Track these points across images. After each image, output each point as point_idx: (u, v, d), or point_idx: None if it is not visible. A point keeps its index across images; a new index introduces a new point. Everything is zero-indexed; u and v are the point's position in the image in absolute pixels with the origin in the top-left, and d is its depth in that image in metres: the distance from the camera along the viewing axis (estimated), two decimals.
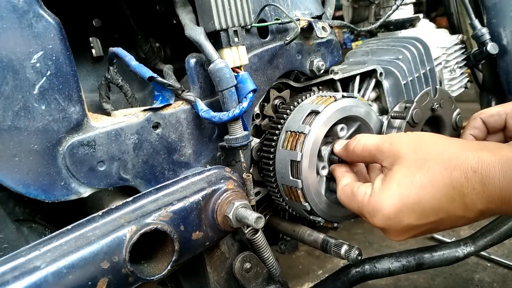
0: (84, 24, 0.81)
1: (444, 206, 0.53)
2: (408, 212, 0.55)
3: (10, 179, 0.52)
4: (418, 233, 0.57)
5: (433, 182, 0.53)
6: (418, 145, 0.59)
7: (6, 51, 0.50)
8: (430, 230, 0.58)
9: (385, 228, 0.58)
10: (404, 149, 0.58)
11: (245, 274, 0.67)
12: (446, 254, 0.88)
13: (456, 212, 0.53)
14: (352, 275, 0.84)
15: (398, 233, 0.58)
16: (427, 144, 0.58)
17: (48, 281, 0.45)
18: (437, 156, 0.55)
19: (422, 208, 0.54)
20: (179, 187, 0.59)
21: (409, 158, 0.57)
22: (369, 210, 0.58)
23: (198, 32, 0.63)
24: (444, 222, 0.55)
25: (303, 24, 0.76)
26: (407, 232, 0.57)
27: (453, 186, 0.52)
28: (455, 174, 0.52)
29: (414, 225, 0.55)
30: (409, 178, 0.55)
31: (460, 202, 0.52)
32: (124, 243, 0.50)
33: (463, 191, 0.51)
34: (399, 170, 0.57)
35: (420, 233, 0.58)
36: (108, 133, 0.58)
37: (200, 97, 0.66)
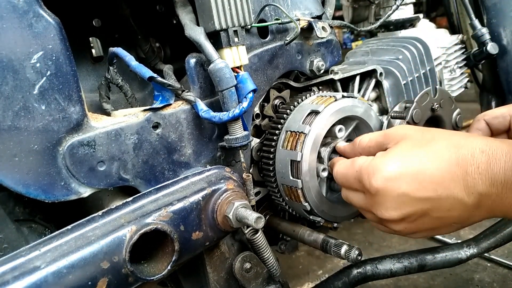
0: (84, 24, 0.81)
1: (445, 182, 0.52)
2: (408, 178, 0.53)
3: (10, 179, 0.52)
4: (411, 212, 0.54)
5: (438, 155, 0.53)
6: (426, 130, 0.59)
7: (6, 51, 0.50)
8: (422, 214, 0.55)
9: (380, 192, 0.55)
10: (411, 131, 0.59)
11: (245, 274, 0.67)
12: (448, 256, 0.88)
13: (455, 193, 0.52)
14: (354, 276, 0.84)
15: (393, 201, 0.55)
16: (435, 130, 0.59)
17: (48, 281, 0.45)
18: (445, 137, 0.55)
19: (422, 179, 0.53)
20: (179, 187, 0.59)
21: (416, 137, 0.57)
22: (368, 170, 0.56)
23: (198, 32, 0.63)
24: (441, 203, 0.53)
25: (303, 24, 0.76)
26: (402, 205, 0.54)
27: (458, 162, 0.51)
28: (462, 151, 0.52)
29: (411, 196, 0.53)
30: (414, 149, 0.55)
31: (462, 180, 0.51)
32: (124, 243, 0.50)
33: (466, 169, 0.51)
34: (404, 143, 0.57)
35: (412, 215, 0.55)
36: (108, 133, 0.58)
37: (200, 97, 0.66)
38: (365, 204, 0.60)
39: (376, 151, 0.63)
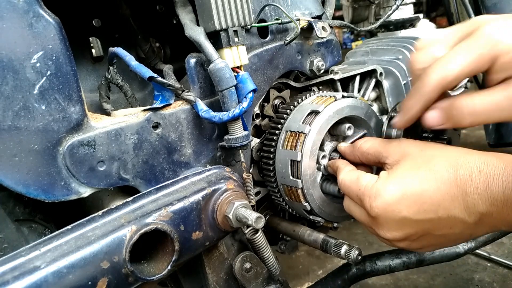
0: (84, 24, 0.81)
1: (445, 203, 0.52)
2: (408, 202, 0.54)
3: (10, 179, 0.52)
4: (412, 233, 0.56)
5: (437, 177, 0.53)
6: (425, 146, 0.59)
7: (6, 51, 0.50)
8: (424, 233, 0.56)
9: (381, 216, 0.56)
10: (411, 148, 0.59)
11: (245, 274, 0.67)
12: (446, 250, 0.89)
13: (455, 213, 0.52)
14: (353, 273, 0.84)
15: (394, 224, 0.56)
16: (434, 146, 0.59)
17: (48, 281, 0.45)
18: (444, 154, 0.55)
19: (422, 201, 0.53)
20: (179, 187, 0.59)
21: (416, 155, 0.57)
22: (370, 193, 0.57)
23: (198, 32, 0.63)
24: (442, 223, 0.54)
25: (303, 24, 0.76)
26: (403, 226, 0.56)
27: (456, 183, 0.52)
28: (460, 172, 0.52)
29: (411, 219, 0.54)
30: (413, 171, 0.55)
31: (462, 201, 0.51)
32: (124, 243, 0.50)
33: (466, 190, 0.51)
34: (405, 164, 0.57)
35: (413, 234, 0.56)
36: (108, 133, 0.58)
37: (200, 97, 0.66)
38: (367, 222, 0.61)
39: (373, 160, 0.65)
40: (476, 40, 0.51)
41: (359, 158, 0.69)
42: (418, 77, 0.57)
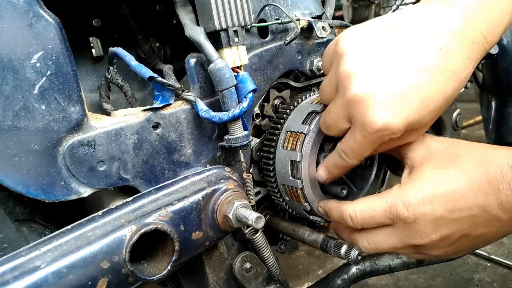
0: (84, 24, 0.81)
1: (479, 200, 0.51)
2: (442, 200, 0.52)
3: (10, 179, 0.52)
4: (450, 234, 0.54)
5: (467, 175, 0.52)
6: (450, 143, 0.57)
7: (6, 51, 0.50)
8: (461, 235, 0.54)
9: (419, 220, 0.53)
10: (435, 146, 0.57)
11: (245, 274, 0.67)
12: None
13: (490, 210, 0.51)
14: (353, 273, 0.84)
15: (430, 225, 0.54)
16: (459, 143, 0.56)
17: (48, 281, 0.45)
18: (472, 152, 0.54)
19: (455, 200, 0.52)
20: (179, 187, 0.59)
21: (441, 153, 0.56)
22: (403, 199, 0.54)
23: (198, 32, 0.63)
24: (477, 222, 0.52)
25: (303, 24, 0.76)
26: (440, 227, 0.53)
27: (488, 181, 0.50)
28: (491, 169, 0.50)
29: (448, 219, 0.53)
30: (442, 170, 0.54)
31: (495, 198, 0.50)
32: (124, 243, 0.50)
33: (498, 187, 0.50)
34: (430, 164, 0.55)
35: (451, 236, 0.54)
36: (108, 133, 0.58)
37: (200, 97, 0.66)
38: (400, 239, 0.58)
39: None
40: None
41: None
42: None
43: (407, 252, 0.61)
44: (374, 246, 0.61)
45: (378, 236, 0.60)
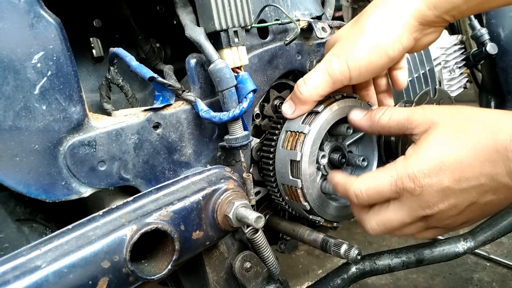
0: (84, 25, 0.81)
1: (487, 169, 0.50)
2: (449, 171, 0.52)
3: (11, 179, 0.52)
4: (458, 203, 0.53)
5: (475, 144, 0.51)
6: (456, 111, 0.56)
7: (7, 51, 0.50)
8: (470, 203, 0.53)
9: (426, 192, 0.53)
10: (440, 116, 0.56)
11: (245, 274, 0.67)
12: (446, 249, 0.89)
13: (499, 178, 0.50)
14: (352, 272, 0.85)
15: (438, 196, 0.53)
16: (466, 110, 0.56)
17: (49, 280, 0.45)
18: (479, 120, 0.53)
19: (462, 169, 0.51)
20: (179, 186, 0.59)
21: (447, 123, 0.55)
22: (408, 172, 0.54)
23: (198, 33, 0.63)
24: (485, 190, 0.52)
25: (303, 25, 0.76)
26: (447, 198, 0.53)
27: (496, 149, 0.50)
28: (500, 137, 0.50)
29: (455, 189, 0.52)
30: (448, 139, 0.53)
31: (504, 166, 0.49)
32: (125, 243, 0.50)
33: (507, 155, 0.49)
34: (436, 133, 0.55)
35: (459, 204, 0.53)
36: (109, 133, 0.58)
37: (201, 97, 0.66)
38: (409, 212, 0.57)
39: (396, 132, 0.63)
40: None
41: (378, 131, 0.66)
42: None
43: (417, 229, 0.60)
44: (384, 226, 0.60)
45: (387, 214, 0.59)
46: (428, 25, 0.66)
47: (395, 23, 0.64)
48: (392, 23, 0.65)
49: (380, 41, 0.65)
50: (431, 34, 0.68)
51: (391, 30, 0.64)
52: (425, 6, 0.63)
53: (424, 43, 0.69)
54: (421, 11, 0.63)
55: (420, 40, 0.68)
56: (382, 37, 0.65)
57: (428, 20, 0.64)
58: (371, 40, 0.65)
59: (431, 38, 0.68)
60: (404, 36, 0.65)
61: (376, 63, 0.66)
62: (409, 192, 0.55)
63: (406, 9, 0.64)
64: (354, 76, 0.66)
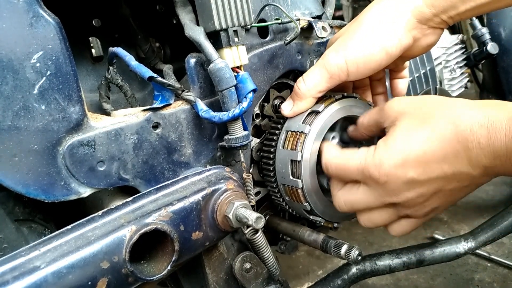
0: (84, 24, 0.81)
1: (449, 159, 0.52)
2: (414, 163, 0.54)
3: (10, 179, 0.52)
4: (424, 191, 0.56)
5: (438, 135, 0.53)
6: (422, 103, 0.58)
7: (6, 51, 0.50)
8: (436, 190, 0.56)
9: (390, 181, 0.56)
10: (407, 108, 0.58)
11: (245, 274, 0.67)
12: (446, 250, 0.88)
13: (460, 168, 0.52)
14: (353, 273, 0.84)
15: (404, 186, 0.56)
16: (431, 101, 0.58)
17: (48, 281, 0.45)
18: (443, 111, 0.55)
19: (426, 161, 0.53)
20: (179, 187, 0.59)
21: (413, 114, 0.57)
22: (375, 162, 0.56)
23: (198, 32, 0.63)
24: (449, 178, 0.54)
25: (303, 24, 0.76)
26: (413, 188, 0.55)
27: (458, 139, 0.51)
28: (461, 127, 0.51)
29: (419, 180, 0.54)
30: (413, 131, 0.55)
31: (465, 156, 0.51)
32: (124, 243, 0.50)
33: (467, 145, 0.51)
34: (402, 125, 0.57)
35: (425, 193, 0.56)
36: (108, 133, 0.58)
37: (200, 97, 0.66)
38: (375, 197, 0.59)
39: (376, 131, 0.66)
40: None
41: (366, 134, 0.69)
42: None
43: (388, 216, 0.62)
44: (351, 205, 0.63)
45: (355, 195, 0.62)
46: (427, 24, 0.66)
47: (393, 19, 0.65)
48: (390, 19, 0.65)
49: (378, 36, 0.65)
50: (430, 35, 0.68)
51: (389, 26, 0.65)
52: (423, 3, 0.64)
53: (423, 45, 0.69)
54: (419, 9, 0.64)
55: (419, 40, 0.68)
56: (380, 33, 0.65)
57: (426, 18, 0.65)
58: (369, 35, 0.66)
59: (430, 40, 0.69)
60: (403, 33, 0.65)
61: (374, 59, 0.66)
62: (374, 180, 0.57)
63: (405, 6, 0.65)
64: (352, 71, 0.67)
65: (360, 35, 0.66)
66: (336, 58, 0.67)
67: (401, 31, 0.65)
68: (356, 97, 0.74)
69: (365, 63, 0.66)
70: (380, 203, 0.60)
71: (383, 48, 0.65)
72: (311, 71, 0.69)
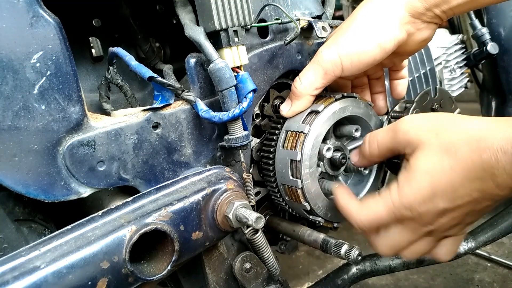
0: (84, 24, 0.81)
1: (477, 186, 0.53)
2: (442, 195, 0.54)
3: (10, 179, 0.52)
4: (456, 214, 0.56)
5: (462, 165, 0.53)
6: (440, 127, 0.57)
7: (6, 51, 0.49)
8: (467, 214, 0.56)
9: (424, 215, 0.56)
10: (425, 134, 0.57)
11: (245, 274, 0.67)
12: None
13: (489, 191, 0.52)
14: (353, 273, 0.84)
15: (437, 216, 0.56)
16: (449, 125, 0.57)
17: (48, 281, 0.45)
18: (464, 138, 0.54)
19: (454, 190, 0.54)
20: (179, 187, 0.59)
21: (433, 143, 0.56)
22: (404, 203, 0.56)
23: (198, 32, 0.63)
24: (479, 201, 0.54)
25: (303, 24, 0.76)
26: (446, 215, 0.56)
27: (483, 168, 0.51)
28: (485, 156, 0.51)
29: (450, 208, 0.55)
30: (437, 163, 0.55)
31: (492, 182, 0.51)
32: (124, 243, 0.50)
33: (493, 172, 0.51)
34: (424, 156, 0.56)
35: (458, 216, 0.56)
36: (108, 133, 0.58)
37: (200, 97, 0.66)
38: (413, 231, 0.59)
39: (391, 155, 0.65)
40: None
41: (378, 160, 0.68)
42: None
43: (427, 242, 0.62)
44: (394, 249, 0.63)
45: (393, 238, 0.61)
46: (420, 19, 0.66)
47: (387, 14, 0.65)
48: (384, 14, 0.65)
49: (371, 31, 0.65)
50: (424, 30, 0.68)
51: (382, 20, 0.65)
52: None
53: (417, 40, 0.69)
54: (412, 3, 0.64)
55: (413, 35, 0.68)
56: (373, 27, 0.65)
57: (419, 12, 0.65)
58: (362, 30, 0.66)
59: (424, 35, 0.69)
60: (396, 26, 0.65)
61: (368, 54, 0.66)
62: (408, 219, 0.58)
63: (398, 1, 0.65)
64: (346, 66, 0.67)
65: (354, 30, 0.66)
66: (330, 53, 0.67)
67: (395, 26, 0.65)
68: (356, 96, 0.74)
69: (359, 57, 0.66)
70: (419, 235, 0.60)
71: (376, 43, 0.65)
72: (306, 69, 0.70)
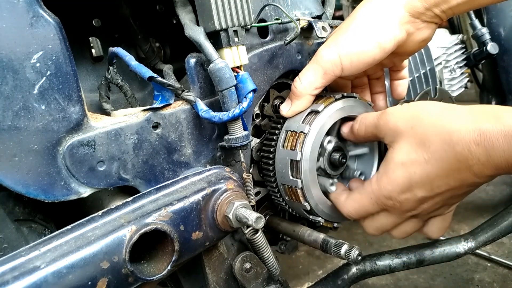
0: (84, 24, 0.81)
1: (453, 175, 0.54)
2: (419, 185, 0.57)
3: (10, 179, 0.52)
4: (438, 200, 0.58)
5: (436, 157, 0.54)
6: (416, 119, 0.59)
7: (6, 51, 0.49)
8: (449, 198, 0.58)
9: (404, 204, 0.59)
10: (401, 125, 0.60)
11: (245, 274, 0.67)
12: (446, 250, 0.88)
13: (466, 179, 0.54)
14: (353, 273, 0.84)
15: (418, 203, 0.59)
16: (425, 118, 0.58)
17: (48, 281, 0.45)
18: (437, 131, 0.55)
19: (431, 181, 0.56)
20: (179, 187, 0.59)
21: (408, 135, 0.58)
22: (383, 194, 0.60)
23: (198, 32, 0.63)
24: (458, 188, 0.56)
25: (303, 24, 0.76)
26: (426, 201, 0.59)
27: (458, 159, 0.52)
28: (458, 148, 0.52)
29: (429, 196, 0.57)
30: (412, 155, 0.57)
31: (468, 171, 0.53)
32: (124, 243, 0.50)
33: (468, 163, 0.52)
34: (400, 148, 0.59)
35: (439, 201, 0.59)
36: (108, 133, 0.58)
37: (200, 97, 0.66)
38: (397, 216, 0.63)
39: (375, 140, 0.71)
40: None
41: (366, 141, 0.71)
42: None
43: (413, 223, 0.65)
44: (381, 230, 0.68)
45: (380, 221, 0.66)
46: (420, 18, 0.66)
47: (386, 13, 0.65)
48: (383, 14, 0.66)
49: (371, 30, 0.65)
50: (423, 30, 0.68)
51: (382, 20, 0.65)
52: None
53: (417, 40, 0.69)
54: (411, 3, 0.65)
55: (413, 35, 0.68)
56: (373, 27, 0.65)
57: (418, 12, 0.65)
58: (362, 29, 0.66)
59: (424, 35, 0.69)
60: (395, 26, 0.65)
61: (367, 53, 0.66)
62: (391, 206, 0.61)
63: (397, 1, 0.65)
64: (346, 66, 0.67)
65: (353, 30, 0.67)
66: (329, 53, 0.67)
67: (394, 25, 0.65)
68: (355, 96, 0.74)
69: (359, 57, 0.67)
70: (404, 218, 0.64)
71: (376, 42, 0.65)
72: (306, 69, 0.70)
